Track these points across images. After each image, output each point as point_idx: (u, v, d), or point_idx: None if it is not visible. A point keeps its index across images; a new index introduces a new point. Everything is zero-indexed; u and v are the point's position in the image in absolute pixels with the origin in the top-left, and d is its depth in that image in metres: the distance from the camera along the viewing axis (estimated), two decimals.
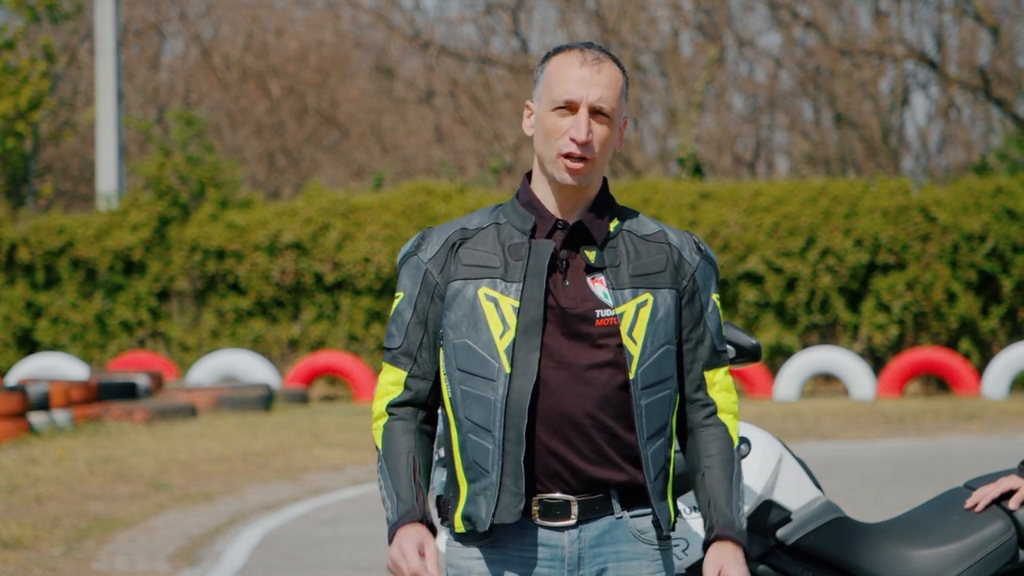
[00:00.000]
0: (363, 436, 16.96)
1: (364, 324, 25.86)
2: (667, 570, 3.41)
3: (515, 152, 37.66)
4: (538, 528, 3.34)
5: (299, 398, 22.74)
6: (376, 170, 33.63)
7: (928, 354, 23.75)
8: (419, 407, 3.41)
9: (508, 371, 3.30)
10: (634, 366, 3.32)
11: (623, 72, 3.38)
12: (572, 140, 3.31)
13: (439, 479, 4.31)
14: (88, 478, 12.97)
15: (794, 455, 4.84)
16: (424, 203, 25.91)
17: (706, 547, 3.40)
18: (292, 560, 9.62)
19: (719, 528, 3.38)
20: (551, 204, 3.39)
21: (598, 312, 3.32)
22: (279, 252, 25.99)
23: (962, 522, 4.70)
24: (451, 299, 3.36)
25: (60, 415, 17.01)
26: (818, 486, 4.81)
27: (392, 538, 3.33)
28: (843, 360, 23.45)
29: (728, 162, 40.46)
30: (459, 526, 3.36)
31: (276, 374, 23.98)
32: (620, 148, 3.44)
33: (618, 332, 3.32)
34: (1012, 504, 4.67)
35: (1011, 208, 25.09)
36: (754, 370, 23.51)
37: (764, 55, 39.04)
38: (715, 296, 3.45)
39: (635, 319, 3.33)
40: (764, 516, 4.70)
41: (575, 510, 3.33)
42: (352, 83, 41.46)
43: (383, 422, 3.41)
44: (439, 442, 4.00)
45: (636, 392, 3.32)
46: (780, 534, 4.72)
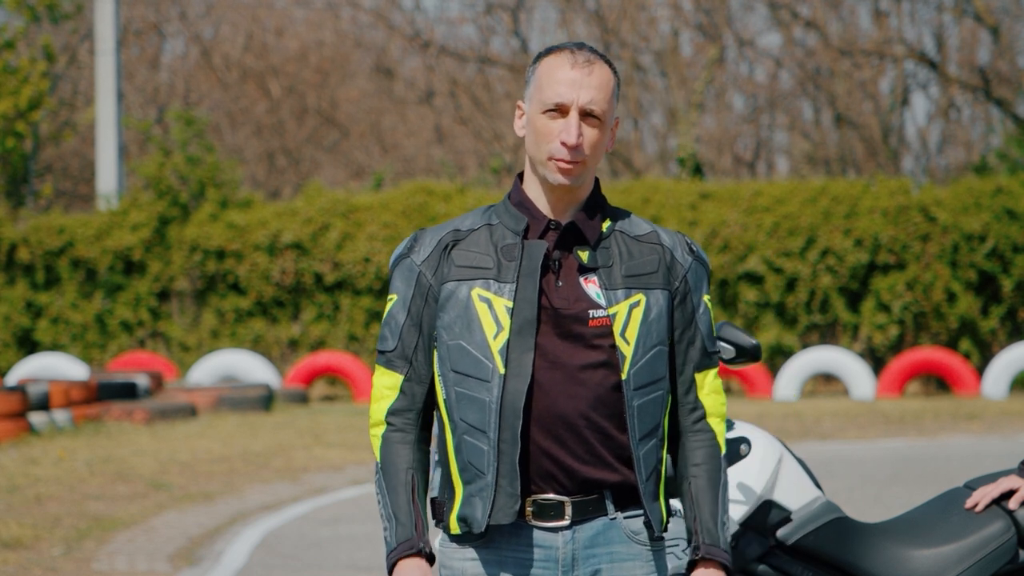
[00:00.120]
0: (363, 436, 16.96)
1: (364, 324, 25.86)
2: (660, 571, 3.41)
3: (515, 152, 37.66)
4: (532, 529, 3.33)
5: (299, 398, 22.74)
6: (376, 170, 33.64)
7: (928, 354, 23.75)
8: (416, 414, 3.41)
9: (502, 372, 3.29)
10: (627, 367, 3.31)
11: (615, 73, 3.37)
12: (563, 143, 3.31)
13: (434, 480, 4.31)
14: (88, 478, 12.97)
15: (794, 455, 4.84)
16: (424, 203, 25.91)
17: (691, 566, 3.39)
18: (292, 560, 9.62)
19: (705, 548, 3.37)
20: (543, 205, 3.38)
21: (591, 313, 3.32)
22: (279, 252, 25.99)
23: (962, 522, 4.70)
24: (445, 300, 3.35)
25: (60, 415, 17.01)
26: (818, 486, 4.81)
27: (391, 570, 3.34)
28: (843, 360, 23.45)
29: (728, 162, 40.46)
30: (454, 528, 3.36)
31: (276, 374, 23.98)
32: (612, 149, 3.44)
33: (611, 333, 3.32)
34: (1012, 504, 4.67)
35: (1011, 208, 25.09)
36: (754, 370, 23.51)
37: (764, 55, 39.05)
38: (706, 297, 3.45)
39: (628, 320, 3.32)
40: (764, 516, 4.70)
41: (569, 511, 3.32)
42: (352, 83, 41.46)
43: (381, 431, 3.41)
44: (433, 443, 4.00)
45: (628, 393, 3.31)
46: (780, 534, 4.72)
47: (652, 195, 25.85)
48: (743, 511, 4.66)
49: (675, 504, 4.38)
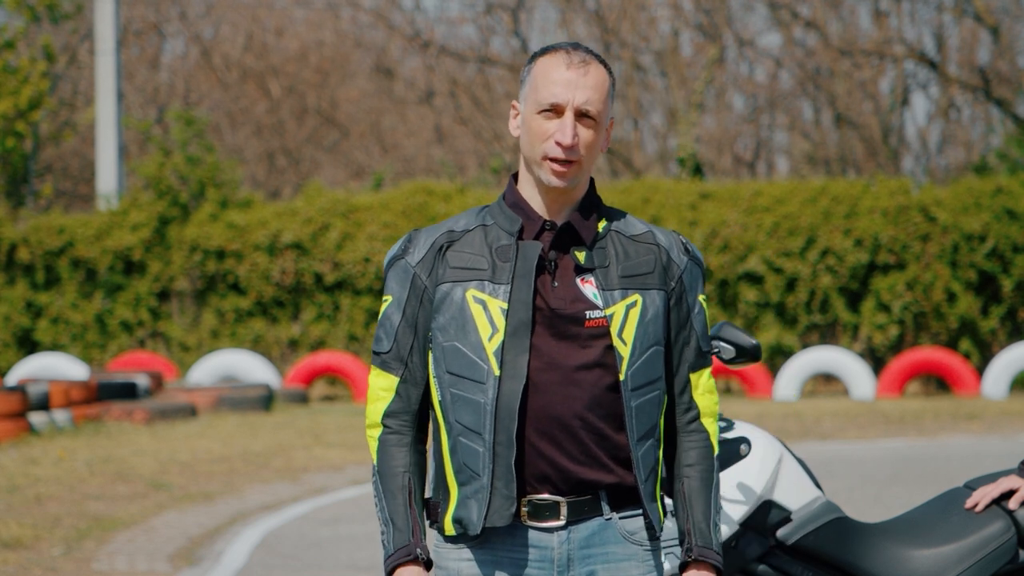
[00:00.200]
0: (363, 436, 16.95)
1: (364, 324, 25.86)
2: (657, 570, 3.41)
3: (515, 152, 37.66)
4: (527, 529, 3.33)
5: (299, 398, 22.73)
6: (376, 170, 33.64)
7: (928, 354, 23.75)
8: (412, 415, 3.40)
9: (497, 374, 3.29)
10: (624, 367, 3.31)
11: (610, 73, 3.37)
12: (558, 144, 3.30)
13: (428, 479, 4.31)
14: (88, 478, 12.97)
15: (794, 455, 4.84)
16: (424, 203, 25.91)
17: (683, 567, 3.39)
18: (292, 560, 9.62)
19: (698, 551, 3.38)
20: (538, 205, 3.37)
21: (588, 313, 3.31)
22: (279, 252, 25.99)
23: (962, 522, 4.70)
24: (439, 302, 3.35)
25: (60, 415, 17.01)
26: (818, 486, 4.81)
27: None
28: (843, 360, 23.45)
29: (728, 162, 40.46)
30: (449, 529, 3.36)
31: (276, 374, 23.98)
32: (606, 149, 3.43)
33: (608, 333, 3.31)
34: (1012, 504, 4.67)
35: (1011, 208, 25.09)
36: (754, 370, 23.50)
37: (764, 55, 39.05)
38: (701, 297, 3.44)
39: (625, 320, 3.32)
40: (764, 516, 4.70)
41: (564, 511, 3.32)
42: (352, 83, 41.46)
43: (378, 434, 3.42)
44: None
45: (626, 393, 3.31)
46: (780, 534, 4.72)
47: (652, 195, 25.85)
48: (743, 511, 4.66)
49: (667, 502, 4.39)
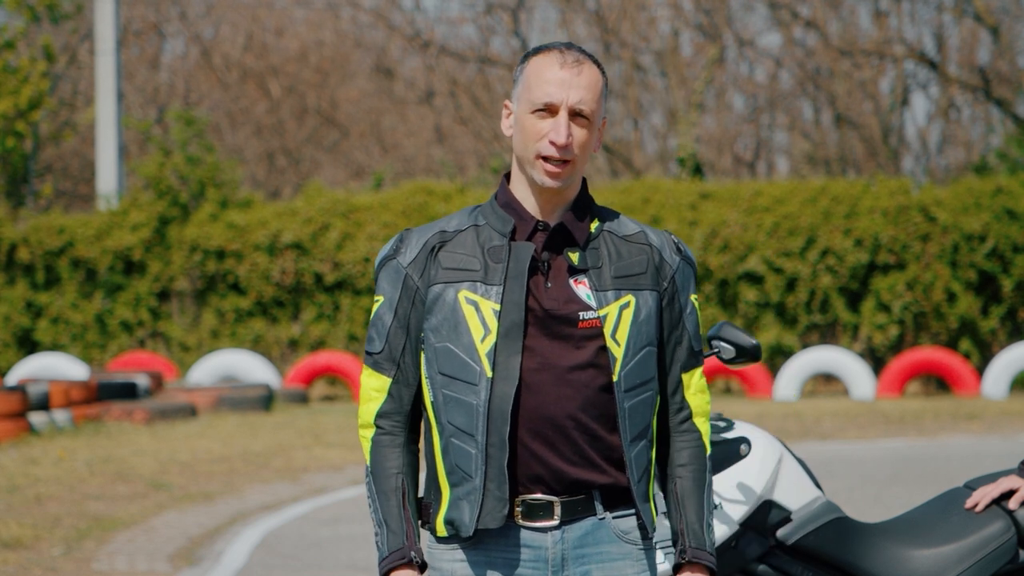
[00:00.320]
0: None
1: (364, 324, 25.86)
2: (651, 570, 3.40)
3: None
4: (521, 529, 3.32)
5: (299, 398, 22.73)
6: (376, 170, 33.63)
7: (928, 354, 23.75)
8: (405, 416, 3.39)
9: (490, 375, 3.28)
10: (617, 368, 3.30)
11: (603, 73, 3.36)
12: (551, 143, 3.30)
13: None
14: (88, 478, 12.97)
15: (794, 455, 4.84)
16: (424, 203, 25.91)
17: (677, 568, 3.39)
18: (292, 560, 9.62)
19: (691, 552, 3.37)
20: (531, 205, 3.37)
21: (581, 314, 3.30)
22: (279, 252, 25.99)
23: (962, 522, 4.70)
24: (432, 303, 3.34)
25: (60, 415, 17.01)
26: (818, 486, 4.81)
27: None
28: (843, 360, 23.45)
29: (728, 162, 40.46)
30: (441, 530, 3.35)
31: (276, 374, 23.98)
32: (599, 149, 3.43)
33: (601, 334, 3.30)
34: (1012, 504, 4.67)
35: (1011, 208, 25.09)
36: (754, 370, 23.50)
37: (764, 55, 39.04)
38: (694, 297, 3.44)
39: (618, 321, 3.31)
40: (764, 516, 4.69)
41: (558, 511, 3.31)
42: (352, 83, 41.46)
43: (371, 435, 3.40)
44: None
45: (619, 394, 3.30)
46: (780, 534, 4.72)
47: (652, 195, 25.85)
48: (743, 511, 4.66)
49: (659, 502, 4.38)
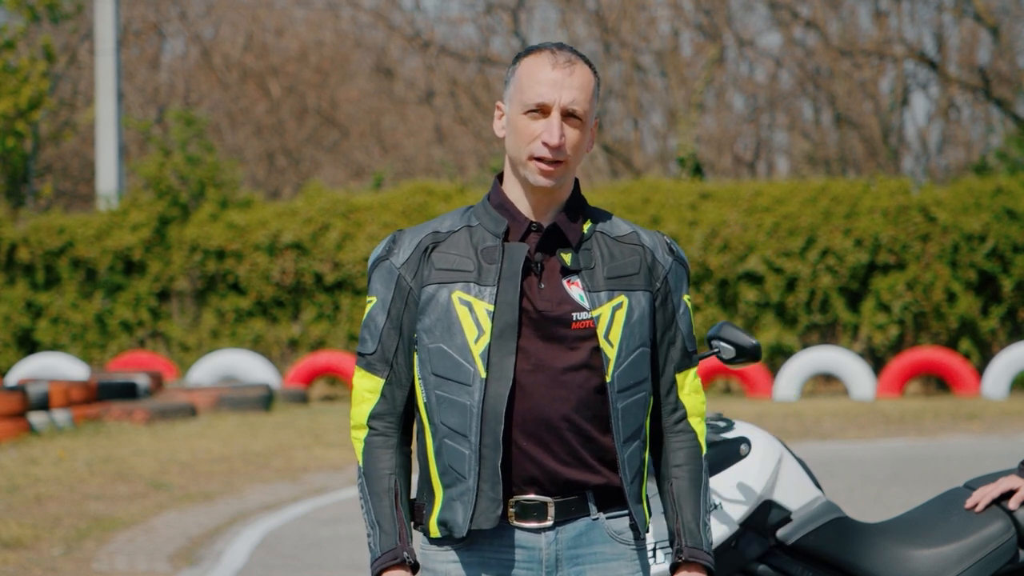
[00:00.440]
0: None
1: None
2: (644, 571, 3.41)
3: None
4: (515, 530, 3.32)
5: (299, 398, 22.73)
6: (376, 170, 33.63)
7: (928, 354, 23.75)
8: (398, 417, 3.39)
9: (484, 376, 3.28)
10: (611, 369, 3.30)
11: (595, 73, 3.37)
12: (544, 144, 3.30)
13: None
14: (88, 478, 12.97)
15: (794, 455, 4.84)
16: (424, 203, 25.91)
17: (674, 568, 3.39)
18: (292, 560, 9.62)
19: (688, 551, 3.37)
20: (524, 206, 3.37)
21: (574, 315, 3.31)
22: (279, 252, 25.99)
23: (962, 522, 4.70)
24: (425, 304, 3.33)
25: (60, 415, 17.01)
26: (818, 486, 4.81)
27: None
28: (843, 360, 23.44)
29: (728, 162, 40.46)
30: (434, 531, 3.35)
31: (276, 374, 23.98)
32: (591, 150, 3.43)
33: (594, 335, 3.30)
34: (1012, 504, 4.67)
35: (1011, 208, 25.09)
36: (754, 370, 23.50)
37: (764, 55, 39.04)
38: (687, 298, 3.44)
39: (611, 322, 3.31)
40: (764, 516, 4.69)
41: (552, 511, 3.31)
42: (352, 83, 41.46)
43: (363, 436, 3.39)
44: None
45: (613, 395, 3.30)
46: (780, 534, 4.72)
47: (652, 195, 25.85)
48: (743, 511, 4.66)
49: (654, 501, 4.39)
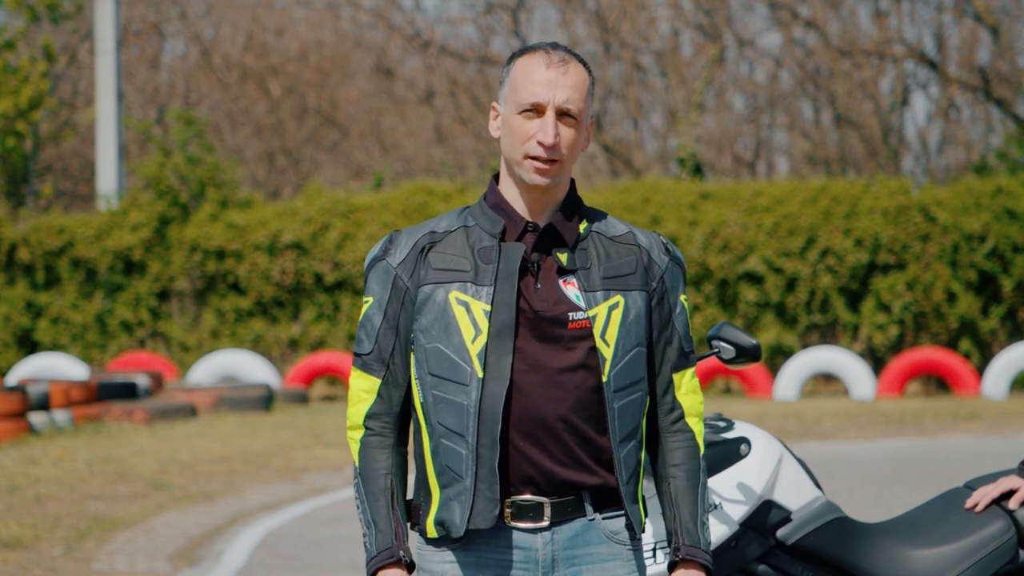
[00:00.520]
0: None
1: None
2: (640, 571, 3.41)
3: None
4: (511, 530, 3.32)
5: (299, 398, 22.73)
6: (376, 170, 33.63)
7: (928, 354, 23.75)
8: (394, 417, 3.39)
9: (481, 376, 3.28)
10: (607, 368, 3.30)
11: (589, 72, 3.37)
12: (539, 143, 3.30)
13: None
14: (88, 478, 12.97)
15: (794, 455, 4.84)
16: (424, 203, 25.91)
17: (672, 567, 3.39)
18: (292, 560, 9.62)
19: (685, 550, 3.37)
20: (520, 206, 3.37)
21: (571, 315, 3.31)
22: (279, 252, 25.99)
23: (962, 522, 4.70)
24: (422, 304, 3.34)
25: (60, 415, 17.01)
26: (818, 486, 4.81)
27: None
28: (843, 360, 23.44)
29: (728, 162, 40.46)
30: (431, 531, 3.34)
31: (276, 374, 23.98)
32: (586, 149, 3.43)
33: (591, 335, 3.31)
34: (1012, 504, 4.67)
35: (1011, 208, 25.09)
36: (754, 370, 23.50)
37: (764, 55, 39.04)
38: (683, 297, 3.44)
39: (607, 321, 3.32)
40: (764, 516, 4.69)
41: (548, 512, 3.31)
42: (352, 83, 41.46)
43: (359, 436, 3.39)
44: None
45: (609, 395, 3.30)
46: (780, 534, 4.72)
47: (652, 195, 25.85)
48: (743, 511, 4.66)
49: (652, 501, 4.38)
